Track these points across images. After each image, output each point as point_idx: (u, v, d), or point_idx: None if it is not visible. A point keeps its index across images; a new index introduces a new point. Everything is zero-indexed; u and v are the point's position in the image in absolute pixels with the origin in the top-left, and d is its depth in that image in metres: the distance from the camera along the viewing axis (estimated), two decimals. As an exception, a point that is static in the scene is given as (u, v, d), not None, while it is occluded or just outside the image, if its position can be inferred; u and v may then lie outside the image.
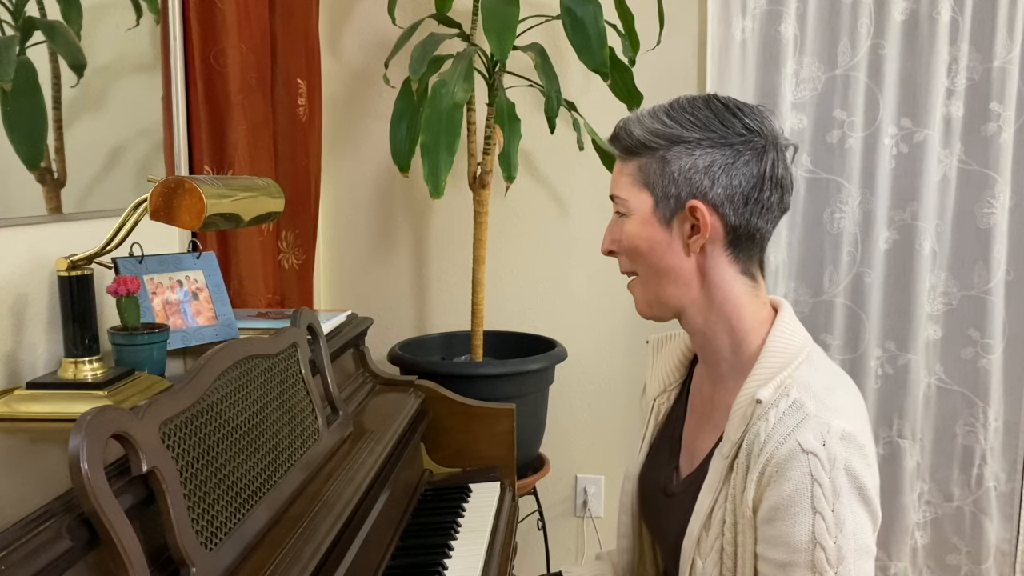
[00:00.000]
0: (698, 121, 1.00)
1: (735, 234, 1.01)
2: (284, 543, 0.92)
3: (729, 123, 1.00)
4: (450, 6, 1.99)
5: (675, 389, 1.20)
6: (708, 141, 0.99)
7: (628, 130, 1.03)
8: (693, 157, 0.99)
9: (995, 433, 2.18)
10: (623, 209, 1.05)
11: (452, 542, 1.28)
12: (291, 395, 1.13)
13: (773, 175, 1.00)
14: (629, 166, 1.04)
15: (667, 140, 1.00)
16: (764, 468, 0.94)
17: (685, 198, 0.99)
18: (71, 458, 0.67)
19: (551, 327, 2.28)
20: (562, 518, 2.40)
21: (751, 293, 1.04)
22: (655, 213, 1.02)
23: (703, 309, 1.04)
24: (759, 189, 1.00)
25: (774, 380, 0.97)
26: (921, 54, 2.07)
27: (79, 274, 1.05)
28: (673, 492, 1.11)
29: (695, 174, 0.99)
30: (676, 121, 1.00)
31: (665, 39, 1.99)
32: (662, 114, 1.02)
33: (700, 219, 0.99)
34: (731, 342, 1.04)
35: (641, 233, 1.03)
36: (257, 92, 1.71)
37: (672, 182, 1.00)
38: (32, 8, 1.18)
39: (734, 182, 0.99)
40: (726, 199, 0.99)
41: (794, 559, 0.91)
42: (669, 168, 1.00)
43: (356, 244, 2.39)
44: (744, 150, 0.99)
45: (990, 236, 2.10)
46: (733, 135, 0.99)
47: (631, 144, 1.03)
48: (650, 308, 1.07)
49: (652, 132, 1.01)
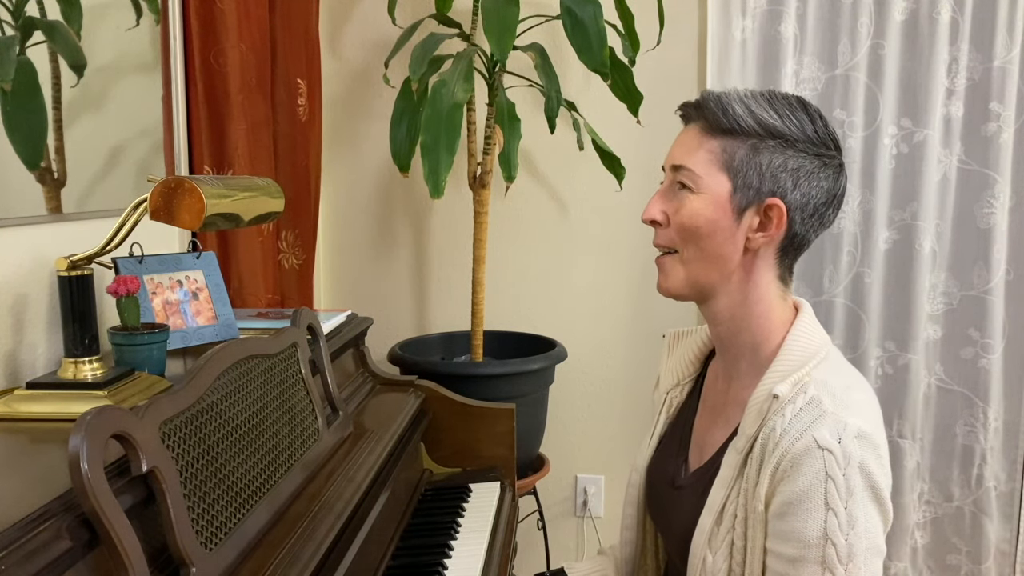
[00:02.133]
0: (797, 120, 0.99)
1: (791, 241, 1.01)
2: (284, 543, 0.92)
3: (822, 133, 1.00)
4: (450, 6, 1.98)
5: (689, 383, 1.20)
6: (802, 144, 0.98)
7: (726, 106, 0.99)
8: (785, 156, 0.98)
9: (995, 433, 2.18)
10: (691, 184, 1.00)
11: (452, 542, 1.28)
12: (291, 395, 1.13)
13: (842, 196, 1.02)
14: (713, 143, 1.00)
15: (766, 129, 0.98)
16: (778, 463, 0.94)
17: (766, 193, 0.98)
18: (71, 458, 0.67)
19: (551, 327, 2.28)
20: (562, 518, 2.40)
21: (781, 296, 1.05)
22: (731, 199, 0.99)
23: (735, 303, 1.04)
24: (827, 205, 1.01)
25: (792, 377, 0.98)
26: (921, 54, 2.07)
27: (79, 274, 1.04)
28: (681, 485, 1.11)
29: (783, 173, 0.98)
30: (778, 114, 0.99)
31: (665, 39, 1.99)
32: (764, 102, 0.99)
33: (774, 218, 0.99)
34: (753, 340, 1.05)
35: (708, 214, 1.00)
36: (257, 92, 1.71)
37: (757, 174, 0.98)
38: (32, 8, 1.18)
39: (812, 192, 0.99)
40: (800, 206, 0.99)
41: (805, 554, 0.91)
42: (759, 159, 0.98)
43: (356, 244, 2.39)
44: (829, 164, 1.00)
45: (990, 236, 2.10)
46: (822, 145, 0.99)
47: (725, 121, 0.99)
48: (682, 288, 1.04)
49: (755, 117, 0.98)
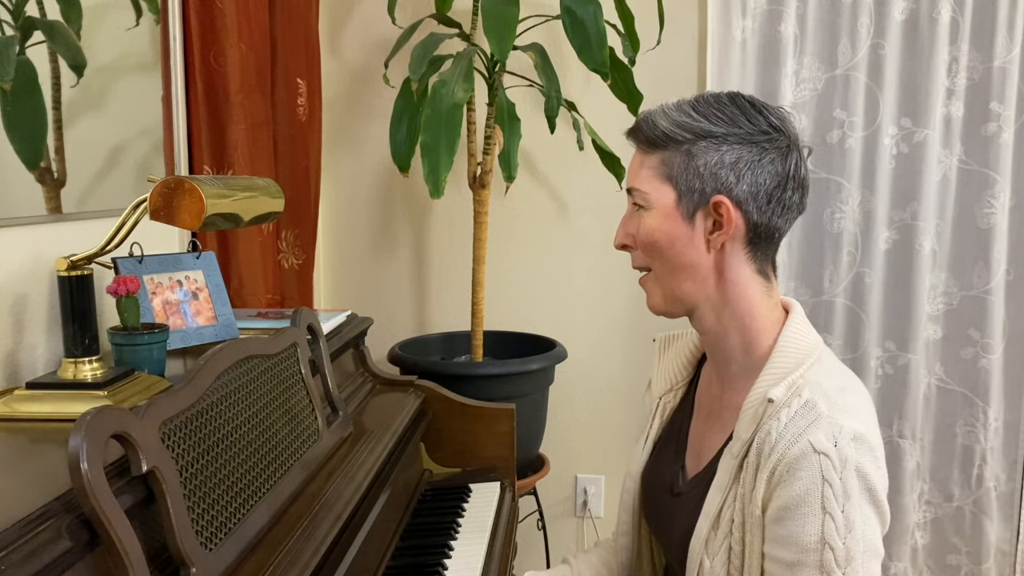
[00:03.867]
0: (725, 116, 0.99)
1: (755, 232, 1.01)
2: (284, 543, 0.92)
3: (755, 120, 0.99)
4: (450, 6, 1.99)
5: (682, 388, 1.19)
6: (735, 137, 0.98)
7: (652, 122, 1.01)
8: (720, 152, 0.98)
9: (995, 433, 2.18)
10: (642, 202, 1.03)
11: (452, 542, 1.28)
12: (291, 395, 1.13)
13: (796, 175, 1.00)
14: (651, 159, 1.02)
15: (694, 134, 0.99)
16: (775, 467, 0.93)
17: (710, 193, 0.99)
18: (71, 458, 0.67)
19: (551, 327, 2.28)
20: (562, 518, 2.40)
21: (764, 293, 1.04)
22: (678, 207, 1.00)
23: (717, 306, 1.04)
24: (782, 188, 1.00)
25: (786, 380, 0.97)
26: (921, 54, 2.07)
27: (79, 274, 1.04)
28: (680, 491, 1.10)
29: (721, 169, 0.98)
30: (703, 115, 0.99)
31: (665, 39, 1.99)
32: (688, 108, 1.00)
33: (724, 215, 0.99)
34: (742, 341, 1.04)
35: (661, 227, 1.01)
36: (257, 92, 1.71)
37: (697, 176, 0.99)
38: (32, 8, 1.18)
39: (759, 180, 0.99)
40: (750, 196, 0.99)
41: (802, 559, 0.91)
42: (695, 162, 0.99)
43: (356, 244, 2.39)
44: (770, 148, 0.99)
45: (990, 236, 2.10)
46: (759, 133, 0.99)
47: (655, 136, 1.01)
48: (664, 304, 1.06)
49: (679, 125, 0.99)
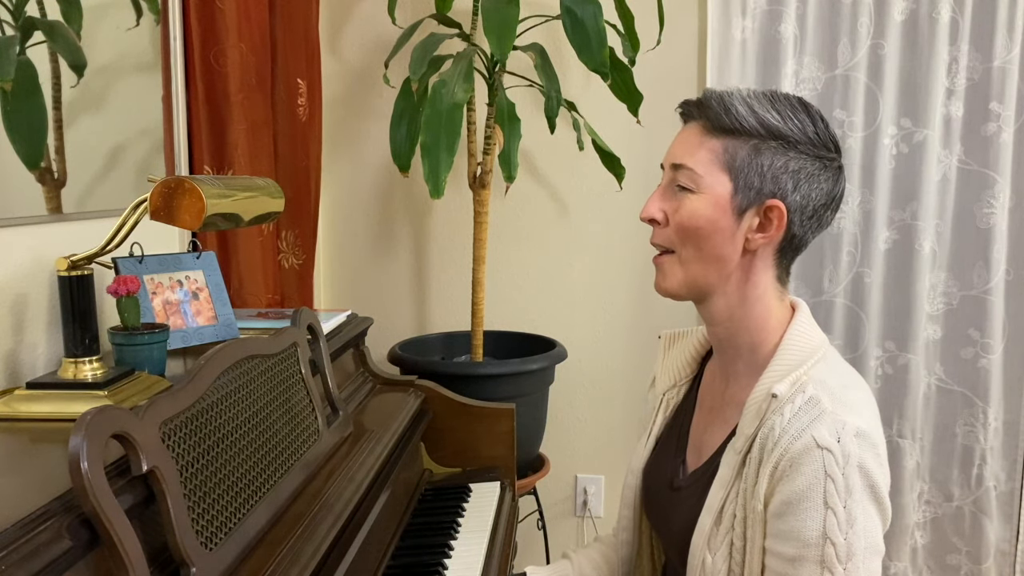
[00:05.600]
0: (799, 122, 0.98)
1: (789, 242, 1.01)
2: (284, 543, 0.92)
3: (823, 135, 0.99)
4: (450, 6, 1.99)
5: (685, 384, 1.20)
6: (804, 145, 0.98)
7: (728, 106, 0.98)
8: (787, 157, 0.98)
9: (995, 433, 2.18)
10: (691, 184, 1.00)
11: (452, 542, 1.28)
12: (291, 395, 1.13)
13: (840, 197, 1.02)
14: (714, 142, 0.99)
15: (768, 131, 0.97)
16: (777, 462, 0.94)
17: (767, 195, 0.98)
18: (71, 458, 0.67)
19: (551, 327, 2.28)
20: (562, 518, 2.40)
21: (778, 297, 1.05)
22: (732, 200, 0.99)
23: (733, 303, 1.03)
24: (826, 207, 1.01)
25: (790, 376, 0.97)
26: (921, 54, 2.07)
27: (79, 274, 1.04)
28: (679, 486, 1.11)
29: (784, 174, 0.98)
30: (781, 115, 0.98)
31: (665, 39, 1.99)
32: (766, 102, 0.99)
33: (774, 219, 0.98)
34: (751, 340, 1.05)
35: (708, 214, 0.99)
36: (257, 92, 1.71)
37: (759, 175, 0.98)
38: (32, 8, 1.18)
39: (813, 194, 0.99)
40: (799, 208, 0.99)
41: (804, 554, 0.91)
42: (760, 160, 0.97)
43: (356, 244, 2.39)
44: (829, 166, 1.00)
45: (990, 236, 2.10)
46: (823, 148, 0.99)
47: (727, 121, 0.98)
48: (680, 288, 1.04)
49: (758, 118, 0.97)
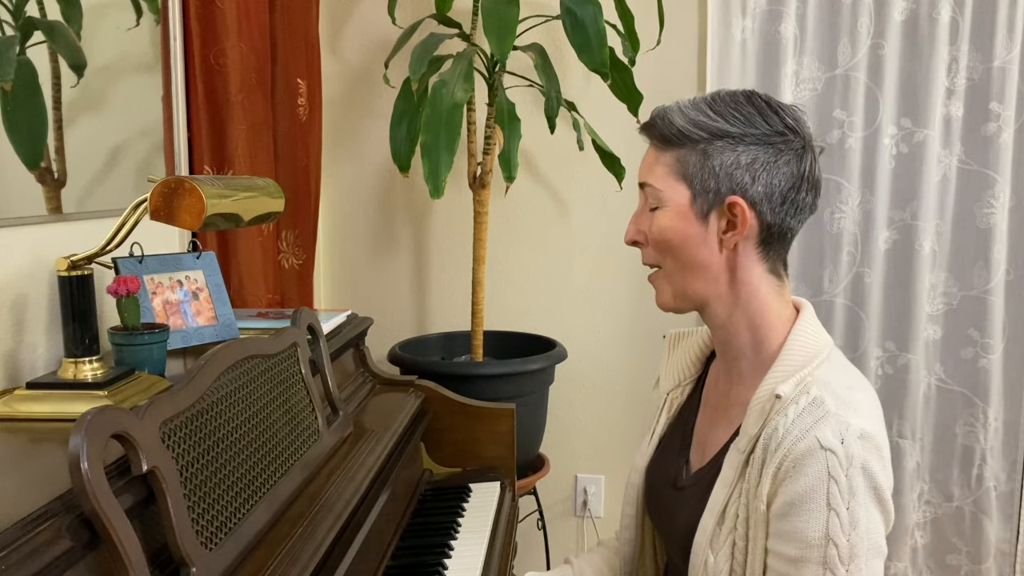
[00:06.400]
0: (741, 116, 0.99)
1: (768, 232, 1.01)
2: (284, 543, 0.92)
3: (771, 121, 0.99)
4: (450, 6, 1.99)
5: (690, 384, 1.20)
6: (751, 137, 0.98)
7: (668, 119, 1.01)
8: (736, 153, 0.98)
9: (995, 433, 2.18)
10: (655, 200, 1.03)
11: (452, 542, 1.28)
12: (291, 395, 1.13)
13: (810, 176, 1.01)
14: (666, 156, 1.02)
15: (710, 133, 0.99)
16: (781, 463, 0.94)
17: (725, 193, 0.99)
18: (71, 458, 0.67)
19: (551, 327, 2.28)
20: (562, 518, 2.40)
21: (776, 292, 1.04)
22: (692, 206, 1.00)
23: (728, 305, 1.04)
24: (797, 189, 1.00)
25: (794, 377, 0.98)
26: (921, 54, 2.07)
27: (79, 274, 1.04)
28: (683, 485, 1.11)
29: (737, 170, 0.98)
30: (719, 114, 0.99)
31: (665, 39, 1.99)
32: (704, 106, 1.00)
33: (739, 215, 0.99)
34: (753, 339, 1.05)
35: (675, 226, 1.01)
36: (257, 92, 1.71)
37: (712, 176, 0.99)
38: (32, 8, 1.18)
39: (774, 181, 0.99)
40: (765, 197, 0.99)
41: (806, 555, 0.91)
42: (711, 162, 0.99)
43: (356, 244, 2.39)
44: (785, 150, 0.99)
45: (990, 236, 2.10)
46: (775, 134, 0.99)
47: (671, 134, 1.01)
48: (674, 301, 1.06)
49: (696, 124, 0.99)
